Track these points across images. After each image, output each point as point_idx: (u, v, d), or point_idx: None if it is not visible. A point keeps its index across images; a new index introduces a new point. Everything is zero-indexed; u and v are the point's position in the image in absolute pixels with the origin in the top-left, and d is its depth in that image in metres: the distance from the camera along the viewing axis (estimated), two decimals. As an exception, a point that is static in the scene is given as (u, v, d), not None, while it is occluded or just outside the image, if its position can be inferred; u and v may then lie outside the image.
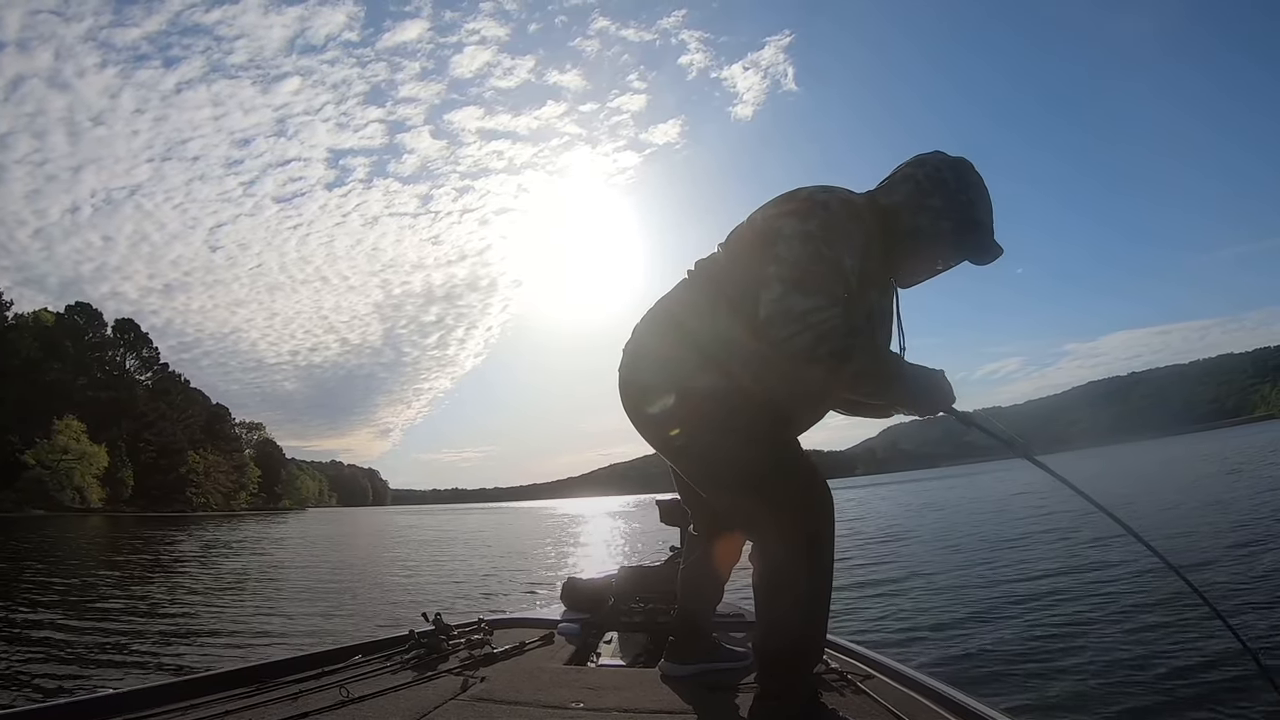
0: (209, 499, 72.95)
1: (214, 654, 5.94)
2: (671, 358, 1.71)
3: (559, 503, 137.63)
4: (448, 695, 1.87)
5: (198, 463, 72.72)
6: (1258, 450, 31.50)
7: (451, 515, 60.75)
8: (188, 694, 1.81)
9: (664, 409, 1.70)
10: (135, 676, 5.13)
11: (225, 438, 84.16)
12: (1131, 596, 6.08)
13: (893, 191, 1.71)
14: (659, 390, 1.71)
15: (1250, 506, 11.75)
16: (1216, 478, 19.40)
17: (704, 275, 1.77)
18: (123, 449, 62.02)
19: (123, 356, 72.74)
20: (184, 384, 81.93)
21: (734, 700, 1.85)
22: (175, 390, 77.29)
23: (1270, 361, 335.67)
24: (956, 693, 1.72)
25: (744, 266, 1.65)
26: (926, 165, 1.71)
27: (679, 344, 1.71)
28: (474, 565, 13.94)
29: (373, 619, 7.56)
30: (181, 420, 73.48)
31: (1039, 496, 18.47)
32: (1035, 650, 4.81)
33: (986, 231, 1.70)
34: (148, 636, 6.69)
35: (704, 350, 1.67)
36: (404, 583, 11.22)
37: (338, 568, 14.27)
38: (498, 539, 23.02)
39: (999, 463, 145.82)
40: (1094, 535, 9.54)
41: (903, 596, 7.27)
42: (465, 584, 10.97)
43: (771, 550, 1.61)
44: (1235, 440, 55.26)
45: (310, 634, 6.72)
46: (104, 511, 55.26)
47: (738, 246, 1.71)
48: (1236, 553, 7.62)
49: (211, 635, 6.77)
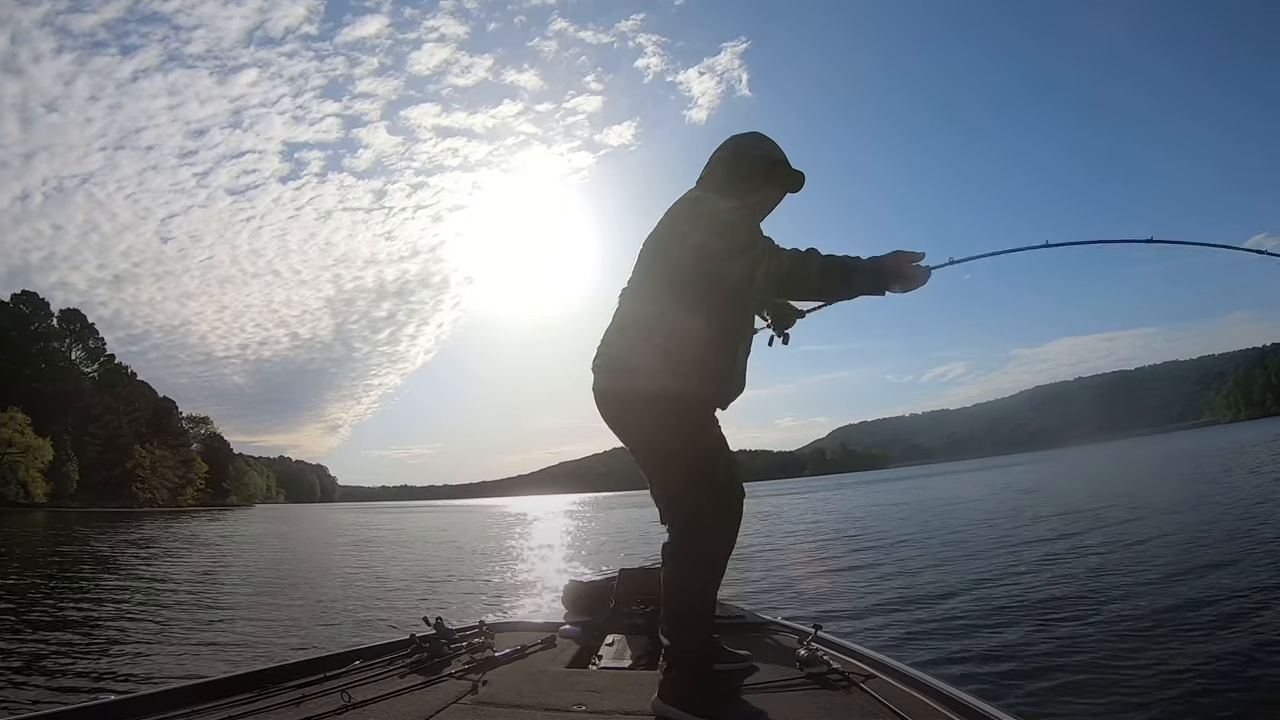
0: (155, 494, 72.14)
1: (207, 659, 5.83)
2: (649, 368, 1.87)
3: (509, 501, 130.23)
4: (450, 699, 1.88)
5: (144, 457, 71.96)
6: (1212, 452, 32.60)
7: (405, 513, 60.09)
8: (189, 699, 1.82)
9: (647, 414, 1.89)
10: (130, 684, 5.05)
11: (172, 432, 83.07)
12: (1129, 597, 6.09)
13: (714, 176, 2.09)
14: (641, 396, 1.88)
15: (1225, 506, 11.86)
16: (1192, 477, 19.93)
17: (663, 281, 1.95)
18: (68, 442, 61.04)
19: (69, 347, 71.52)
20: (131, 376, 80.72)
21: (735, 701, 1.83)
22: (122, 383, 76.18)
23: (1215, 369, 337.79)
24: (957, 691, 1.71)
25: (692, 263, 1.88)
26: (723, 148, 2.11)
27: (655, 352, 1.88)
28: (452, 569, 13.47)
29: (365, 623, 7.52)
30: (128, 414, 72.49)
31: (1016, 498, 19.59)
32: (1034, 649, 4.81)
33: (785, 164, 2.02)
34: (126, 643, 6.56)
35: (671, 354, 1.86)
36: (378, 587, 10.86)
37: (314, 570, 13.79)
38: (466, 539, 22.33)
39: (949, 464, 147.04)
40: (1088, 536, 9.89)
41: (902, 597, 7.21)
42: (447, 586, 10.84)
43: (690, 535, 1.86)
44: (1185, 443, 57.27)
45: (306, 638, 6.67)
46: (48, 507, 54.43)
47: (676, 249, 1.94)
48: (1224, 548, 7.85)
49: (201, 640, 6.61)
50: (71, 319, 73.42)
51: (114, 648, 6.29)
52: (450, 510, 72.18)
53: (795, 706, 1.77)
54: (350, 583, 11.47)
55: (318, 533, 29.87)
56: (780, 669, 2.09)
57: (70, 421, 63.33)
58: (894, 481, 56.63)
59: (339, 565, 14.82)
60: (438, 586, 10.90)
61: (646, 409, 1.90)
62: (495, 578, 11.96)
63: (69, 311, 74.26)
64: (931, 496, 26.94)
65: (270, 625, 7.41)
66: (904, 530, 14.63)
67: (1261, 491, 13.93)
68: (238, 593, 10.20)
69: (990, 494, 22.49)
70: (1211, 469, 22.25)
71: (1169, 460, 31.38)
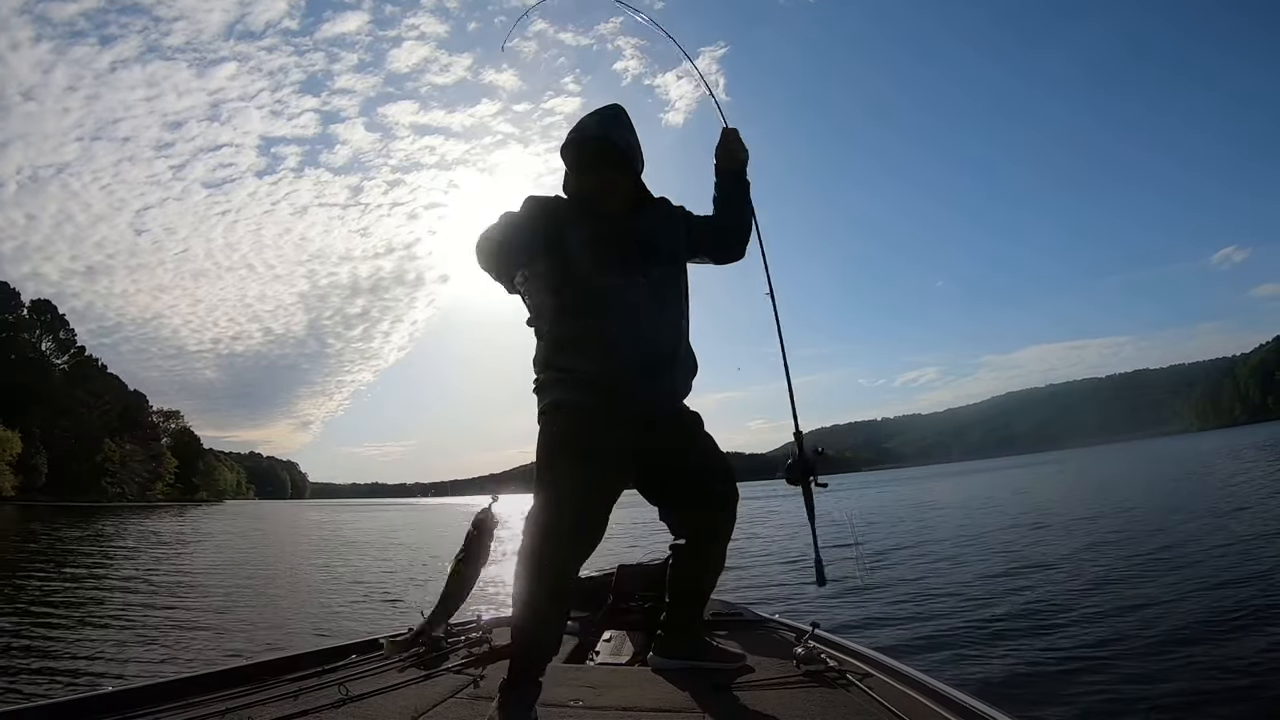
0: (125, 489, 71.48)
1: (201, 654, 5.74)
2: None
3: (482, 500, 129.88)
4: (448, 693, 1.90)
5: (114, 451, 71.14)
6: (1185, 459, 32.72)
7: (379, 511, 59.71)
8: (185, 692, 1.83)
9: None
10: (125, 675, 4.97)
11: (142, 426, 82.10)
12: (1124, 598, 6.13)
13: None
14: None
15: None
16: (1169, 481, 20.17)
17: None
18: (37, 435, 60.14)
19: (39, 339, 70.61)
20: (102, 369, 79.66)
21: (731, 698, 1.84)
22: (93, 375, 75.19)
23: (1185, 378, 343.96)
24: (955, 691, 1.71)
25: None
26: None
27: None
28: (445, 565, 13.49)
29: (360, 618, 7.46)
30: (98, 407, 71.63)
31: (1003, 501, 19.64)
32: (1030, 648, 4.83)
33: (569, 143, 2.07)
34: (128, 633, 6.53)
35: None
36: (372, 583, 10.60)
37: (302, 567, 13.47)
38: (457, 535, 21.28)
39: (922, 468, 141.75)
40: (1081, 538, 9.95)
41: (899, 597, 7.22)
42: (440, 583, 10.95)
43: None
44: (1155, 450, 57.61)
45: (299, 633, 6.61)
46: (16, 500, 53.73)
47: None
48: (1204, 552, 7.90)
49: (195, 636, 6.49)
50: (42, 310, 72.52)
51: (104, 643, 6.14)
52: (425, 509, 71.33)
53: (792, 704, 1.77)
54: (341, 579, 11.24)
55: (296, 529, 29.46)
56: (777, 666, 2.10)
57: (39, 414, 62.55)
58: (873, 486, 54.33)
59: (326, 562, 14.51)
60: (432, 584, 10.30)
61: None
62: (487, 573, 11.81)
63: (40, 302, 73.38)
64: (913, 499, 26.85)
65: (262, 621, 7.39)
66: (899, 531, 14.57)
67: (1243, 498, 13.63)
68: (223, 589, 9.98)
69: (970, 498, 22.68)
70: (1181, 474, 22.64)
71: (1142, 466, 31.88)
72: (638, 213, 2.10)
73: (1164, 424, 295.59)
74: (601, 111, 2.09)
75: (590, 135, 2.03)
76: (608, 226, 1.99)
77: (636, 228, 2.03)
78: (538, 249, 1.90)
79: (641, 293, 1.95)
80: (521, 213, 1.96)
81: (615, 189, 2.06)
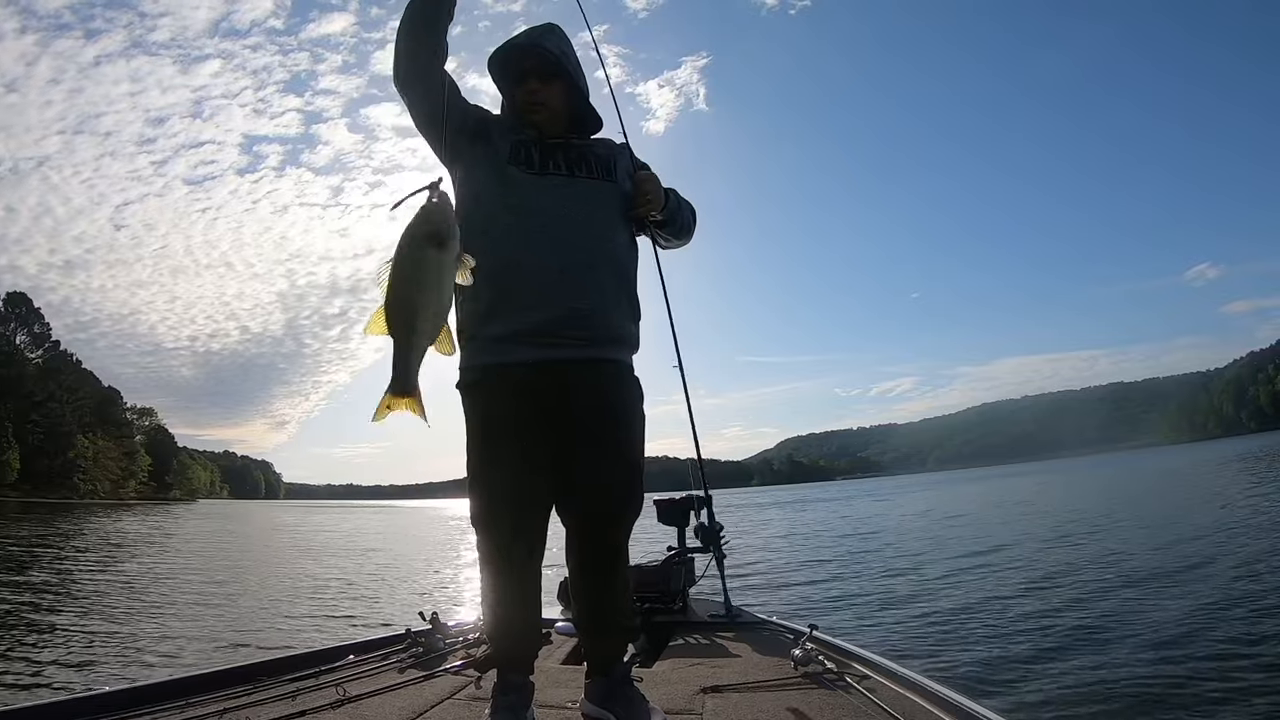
0: (98, 486, 70.11)
1: (198, 654, 5.68)
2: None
3: (455, 503, 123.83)
4: (445, 694, 1.90)
5: (87, 448, 69.81)
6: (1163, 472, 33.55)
7: (355, 513, 59.25)
8: (183, 692, 1.82)
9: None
10: (121, 676, 4.94)
11: (116, 422, 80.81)
12: (1121, 600, 6.19)
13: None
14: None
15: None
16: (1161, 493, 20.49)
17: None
18: (9, 430, 58.95)
19: (13, 332, 69.32)
20: (76, 364, 78.30)
21: (730, 700, 1.83)
22: (66, 370, 73.89)
23: (1159, 391, 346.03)
24: (951, 692, 1.71)
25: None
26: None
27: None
28: (440, 567, 13.33)
29: (357, 619, 7.46)
30: (72, 402, 70.49)
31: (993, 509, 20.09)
32: (1027, 651, 4.85)
33: (495, 57, 1.81)
34: (119, 634, 6.43)
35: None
36: (367, 584, 10.65)
37: (289, 569, 13.26)
38: (449, 538, 22.05)
39: (899, 477, 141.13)
40: (1075, 545, 10.12)
41: (897, 598, 7.28)
42: (438, 580, 10.83)
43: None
44: (1132, 462, 58.42)
45: (296, 634, 6.59)
46: (-14, 495, 52.47)
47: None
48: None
49: (191, 636, 6.45)
50: (17, 302, 71.15)
51: (94, 642, 6.03)
52: (403, 511, 71.14)
53: (790, 705, 1.76)
54: (333, 581, 11.09)
55: (274, 531, 29.02)
56: (775, 668, 2.11)
57: (11, 408, 61.54)
58: (855, 496, 52.32)
59: (314, 564, 14.39)
60: (429, 583, 10.89)
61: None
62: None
63: (15, 295, 71.93)
64: (897, 508, 27.00)
65: (254, 622, 7.24)
66: (890, 538, 14.81)
67: (1230, 508, 13.73)
68: (208, 589, 9.81)
69: (955, 508, 22.96)
70: (1164, 486, 23.40)
71: (1127, 479, 32.38)
72: (576, 135, 1.86)
73: (1139, 437, 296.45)
74: (535, 26, 1.85)
75: (519, 44, 1.79)
76: (536, 135, 1.77)
77: (568, 144, 1.80)
78: (468, 117, 1.76)
79: (561, 193, 1.71)
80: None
81: (550, 103, 1.78)
